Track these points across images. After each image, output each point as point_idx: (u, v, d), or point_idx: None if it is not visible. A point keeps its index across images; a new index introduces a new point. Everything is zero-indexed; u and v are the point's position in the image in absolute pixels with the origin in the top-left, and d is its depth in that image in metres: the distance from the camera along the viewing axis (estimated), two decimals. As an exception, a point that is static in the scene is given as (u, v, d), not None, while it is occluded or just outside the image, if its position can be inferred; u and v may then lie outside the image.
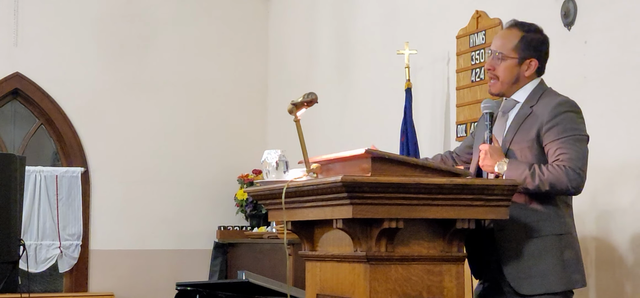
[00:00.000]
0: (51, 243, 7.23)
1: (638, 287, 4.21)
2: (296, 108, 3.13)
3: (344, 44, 6.82)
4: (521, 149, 3.18)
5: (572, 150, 3.09)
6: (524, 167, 3.09)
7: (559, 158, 3.08)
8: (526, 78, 3.27)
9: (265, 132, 7.86)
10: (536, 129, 3.16)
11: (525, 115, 3.22)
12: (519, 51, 3.25)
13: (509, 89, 3.28)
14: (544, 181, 3.05)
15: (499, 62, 3.26)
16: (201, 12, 7.78)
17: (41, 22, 7.29)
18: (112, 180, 7.43)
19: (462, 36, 5.45)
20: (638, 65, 4.28)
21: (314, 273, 3.24)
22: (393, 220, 2.86)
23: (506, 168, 3.10)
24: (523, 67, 3.26)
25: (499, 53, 3.26)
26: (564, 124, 3.12)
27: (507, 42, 3.27)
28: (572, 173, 3.06)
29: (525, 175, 3.07)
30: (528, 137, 3.17)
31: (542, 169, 3.07)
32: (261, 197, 3.32)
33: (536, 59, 3.26)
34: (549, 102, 3.19)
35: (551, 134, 3.12)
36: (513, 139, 3.22)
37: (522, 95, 3.27)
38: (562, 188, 3.06)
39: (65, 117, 7.38)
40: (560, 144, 3.10)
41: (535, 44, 3.27)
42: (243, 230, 7.43)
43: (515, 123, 3.24)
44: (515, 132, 3.22)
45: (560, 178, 3.05)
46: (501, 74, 3.26)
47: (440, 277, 2.98)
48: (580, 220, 4.54)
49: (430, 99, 5.79)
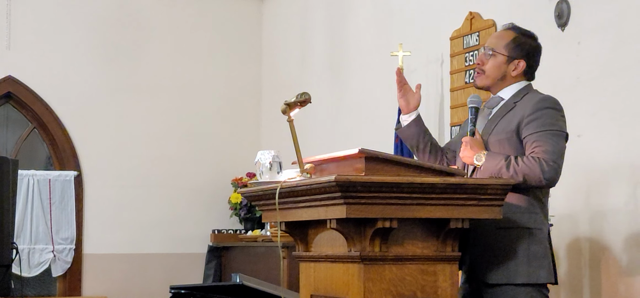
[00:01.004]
0: (44, 247, 7.20)
1: (631, 287, 4.21)
2: (289, 108, 3.12)
3: (338, 46, 6.82)
4: (500, 141, 3.23)
5: (548, 144, 3.13)
6: (500, 158, 3.14)
7: (535, 151, 3.14)
8: (513, 78, 3.33)
9: (258, 135, 7.85)
10: (517, 122, 3.21)
11: (507, 109, 3.28)
12: (509, 50, 3.31)
13: (494, 84, 3.34)
14: (518, 172, 3.09)
15: (488, 58, 3.33)
16: (194, 15, 7.77)
17: (34, 25, 7.27)
18: (105, 184, 7.41)
19: (456, 37, 5.45)
20: (631, 65, 4.29)
21: (308, 274, 3.23)
22: (387, 219, 2.86)
23: (484, 159, 3.16)
24: (511, 66, 3.31)
25: (491, 49, 3.33)
26: (543, 118, 3.18)
27: (501, 40, 3.34)
28: (545, 166, 3.10)
29: (500, 165, 3.12)
30: (508, 129, 3.23)
31: (517, 160, 3.12)
32: (254, 198, 3.31)
33: (525, 61, 3.32)
34: (532, 98, 3.26)
35: (530, 127, 3.18)
36: (493, 131, 3.27)
37: (507, 93, 3.33)
38: (536, 179, 3.10)
39: (58, 120, 7.36)
40: (537, 137, 3.15)
41: (527, 47, 3.33)
42: (237, 233, 7.42)
43: (497, 116, 3.30)
44: (495, 124, 3.28)
45: (534, 170, 3.09)
46: (488, 69, 3.33)
47: (434, 276, 2.97)
48: (574, 221, 4.55)
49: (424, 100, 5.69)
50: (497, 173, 3.10)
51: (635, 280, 4.19)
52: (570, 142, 4.55)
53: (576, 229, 4.54)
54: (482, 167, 3.15)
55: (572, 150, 4.55)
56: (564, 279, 4.60)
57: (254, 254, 6.80)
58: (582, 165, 4.52)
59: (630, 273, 4.23)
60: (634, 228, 4.22)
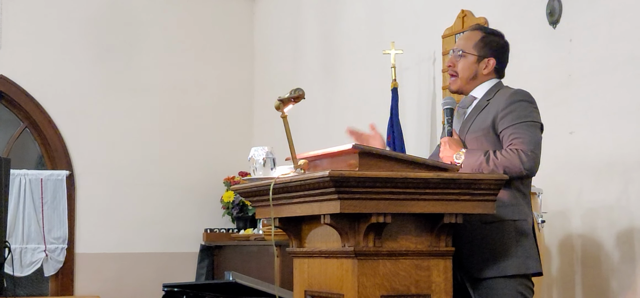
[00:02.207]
0: (36, 247, 7.18)
1: (624, 283, 4.23)
2: (283, 104, 3.12)
3: (330, 44, 6.82)
4: (477, 138, 3.29)
5: (524, 135, 3.18)
6: (479, 154, 3.19)
7: (513, 143, 3.19)
8: (484, 76, 3.39)
9: (251, 134, 7.85)
10: (492, 118, 3.27)
11: (481, 107, 3.34)
12: (478, 49, 3.38)
13: (467, 85, 3.40)
14: (498, 165, 3.14)
15: (459, 59, 3.40)
16: (186, 14, 7.76)
17: (25, 24, 7.25)
18: (97, 183, 7.39)
19: (448, 36, 5.46)
20: (622, 63, 4.30)
21: (301, 270, 3.23)
22: (381, 214, 2.86)
23: (464, 157, 3.21)
24: (481, 65, 3.38)
25: (460, 50, 3.40)
26: (517, 111, 3.23)
27: (469, 41, 3.42)
28: (524, 156, 3.14)
29: (480, 161, 3.16)
30: (484, 126, 3.28)
31: (496, 154, 3.17)
32: (248, 194, 3.31)
33: (495, 59, 3.39)
34: (505, 93, 3.32)
35: (505, 121, 3.23)
36: (469, 129, 3.33)
37: (479, 92, 3.39)
38: (516, 171, 3.14)
39: (50, 120, 7.34)
40: (513, 129, 3.20)
41: (495, 45, 3.41)
42: (229, 232, 7.42)
43: (472, 115, 3.36)
44: (471, 123, 3.34)
45: (513, 162, 3.14)
46: (460, 71, 3.40)
47: (428, 271, 2.98)
48: (566, 217, 4.56)
49: (416, 98, 5.80)
50: (477, 168, 3.14)
51: (627, 277, 4.21)
52: (563, 139, 4.58)
53: (568, 226, 4.55)
54: (462, 164, 3.19)
55: (564, 147, 4.59)
56: (557, 275, 4.61)
57: (246, 253, 6.80)
58: (575, 162, 4.53)
59: (622, 270, 4.24)
60: (626, 225, 4.24)
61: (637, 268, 4.17)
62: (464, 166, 3.18)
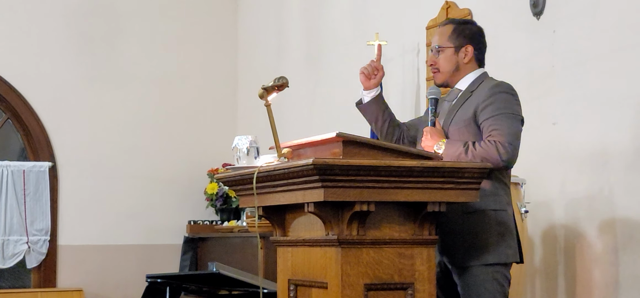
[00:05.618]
0: (19, 239, 7.14)
1: (606, 273, 4.25)
2: (267, 92, 3.11)
3: (314, 35, 6.81)
4: (459, 130, 3.33)
5: (504, 126, 3.22)
6: (459, 145, 3.24)
7: (492, 134, 3.23)
8: (466, 66, 3.43)
9: (235, 125, 7.83)
10: (473, 109, 3.31)
11: (465, 98, 3.38)
12: (453, 40, 3.42)
13: (451, 78, 3.44)
14: (476, 156, 3.18)
15: (438, 55, 3.45)
16: (169, 3, 7.73)
17: (7, 15, 7.20)
18: (80, 175, 7.36)
19: (432, 27, 5.46)
20: (605, 54, 4.32)
21: (285, 258, 3.23)
22: (364, 203, 2.87)
23: (444, 147, 3.25)
24: (460, 55, 3.42)
25: (437, 46, 3.45)
26: (498, 103, 3.27)
27: (443, 36, 3.46)
28: (501, 148, 3.19)
29: (459, 152, 3.21)
30: (465, 117, 3.32)
31: (475, 145, 3.21)
32: (232, 183, 3.30)
33: (472, 46, 3.42)
34: (488, 84, 3.36)
35: (485, 113, 3.27)
36: (452, 121, 3.37)
37: (464, 84, 3.43)
38: (494, 161, 3.18)
39: (32, 111, 7.29)
40: (493, 121, 3.25)
41: (469, 32, 3.45)
42: (213, 224, 7.40)
43: (456, 106, 3.40)
44: (454, 114, 3.38)
45: (491, 153, 3.18)
46: (441, 65, 3.44)
47: (411, 260, 2.98)
48: (549, 208, 4.58)
49: (400, 89, 5.80)
50: (456, 159, 3.19)
51: (609, 267, 4.23)
52: (546, 130, 4.60)
53: (551, 216, 4.57)
54: (442, 154, 3.22)
55: (547, 138, 4.61)
56: (540, 266, 4.63)
57: (230, 245, 6.79)
58: (557, 153, 4.55)
59: (604, 260, 4.27)
60: (608, 215, 4.26)
61: (619, 258, 4.20)
62: (444, 156, 3.21)
